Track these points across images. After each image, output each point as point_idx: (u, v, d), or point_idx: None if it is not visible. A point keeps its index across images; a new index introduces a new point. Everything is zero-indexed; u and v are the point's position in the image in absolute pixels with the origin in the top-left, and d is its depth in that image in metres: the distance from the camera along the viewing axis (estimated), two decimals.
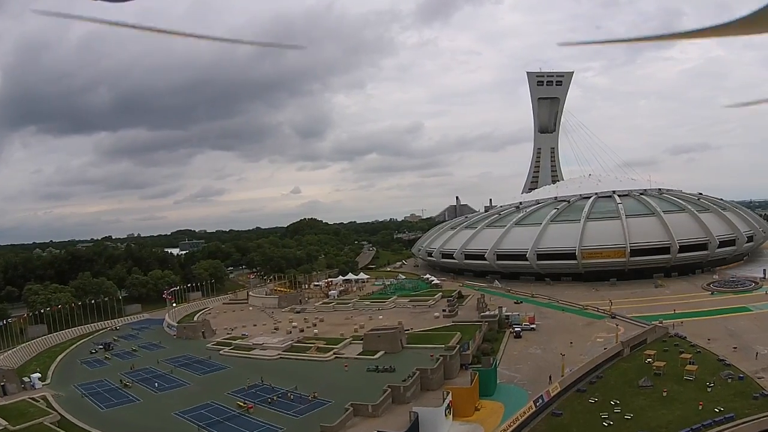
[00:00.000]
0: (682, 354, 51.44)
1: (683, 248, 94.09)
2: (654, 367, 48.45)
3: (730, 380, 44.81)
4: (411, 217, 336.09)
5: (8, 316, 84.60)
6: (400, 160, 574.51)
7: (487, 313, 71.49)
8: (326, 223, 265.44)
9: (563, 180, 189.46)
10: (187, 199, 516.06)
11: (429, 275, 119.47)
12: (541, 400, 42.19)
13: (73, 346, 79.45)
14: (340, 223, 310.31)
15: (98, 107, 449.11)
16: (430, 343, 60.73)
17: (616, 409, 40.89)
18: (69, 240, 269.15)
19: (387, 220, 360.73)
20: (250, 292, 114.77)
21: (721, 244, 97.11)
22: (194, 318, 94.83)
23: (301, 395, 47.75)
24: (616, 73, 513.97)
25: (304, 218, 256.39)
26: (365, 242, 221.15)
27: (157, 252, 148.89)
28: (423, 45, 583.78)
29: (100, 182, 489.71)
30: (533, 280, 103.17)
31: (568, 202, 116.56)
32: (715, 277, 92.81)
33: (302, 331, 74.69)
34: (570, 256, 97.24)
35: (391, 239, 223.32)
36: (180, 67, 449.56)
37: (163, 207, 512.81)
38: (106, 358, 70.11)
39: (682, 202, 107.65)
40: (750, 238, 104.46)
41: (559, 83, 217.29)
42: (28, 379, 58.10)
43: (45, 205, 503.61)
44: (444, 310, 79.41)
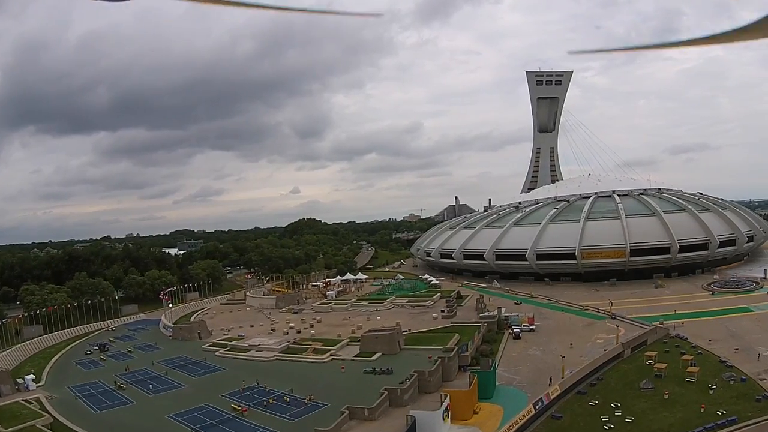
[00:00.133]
0: (684, 355, 50.87)
1: (683, 248, 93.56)
2: (655, 369, 47.89)
3: (732, 382, 44.28)
4: (410, 217, 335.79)
5: (4, 316, 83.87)
6: (400, 160, 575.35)
7: (486, 313, 71.01)
8: (325, 223, 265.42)
9: (563, 180, 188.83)
10: (186, 199, 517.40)
11: (428, 275, 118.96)
12: (540, 403, 41.62)
13: (68, 347, 78.81)
14: (339, 223, 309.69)
15: (97, 107, 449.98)
16: (428, 344, 60.06)
17: (617, 412, 40.32)
18: (68, 240, 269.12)
19: (386, 220, 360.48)
20: (248, 293, 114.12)
21: (722, 244, 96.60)
22: (191, 319, 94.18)
23: (296, 398, 47.11)
24: (615, 72, 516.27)
25: (303, 218, 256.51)
26: (364, 242, 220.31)
27: (154, 252, 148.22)
28: (422, 45, 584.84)
29: (99, 182, 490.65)
30: (532, 281, 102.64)
31: (568, 201, 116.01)
32: (715, 277, 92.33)
33: (299, 332, 74.05)
34: (569, 256, 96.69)
35: (390, 239, 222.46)
36: (179, 66, 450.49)
37: (162, 207, 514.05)
38: (101, 359, 69.58)
39: (682, 202, 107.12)
40: (750, 238, 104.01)
41: (558, 83, 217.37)
42: (21, 380, 57.54)
43: (44, 205, 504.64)
44: (443, 310, 78.82)
